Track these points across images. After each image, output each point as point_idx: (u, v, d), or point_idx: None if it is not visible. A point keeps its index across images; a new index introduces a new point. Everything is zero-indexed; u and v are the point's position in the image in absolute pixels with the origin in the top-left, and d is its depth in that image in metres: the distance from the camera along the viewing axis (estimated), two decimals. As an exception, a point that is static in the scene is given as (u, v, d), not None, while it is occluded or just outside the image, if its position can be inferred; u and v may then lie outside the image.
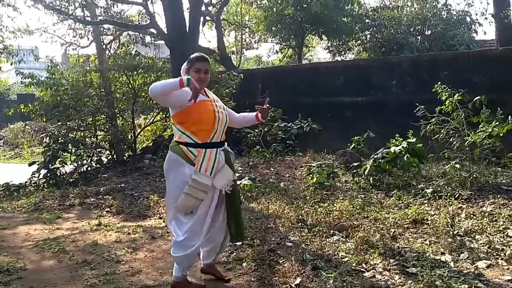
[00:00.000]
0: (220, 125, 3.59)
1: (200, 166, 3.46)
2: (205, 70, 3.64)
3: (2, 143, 20.95)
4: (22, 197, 8.43)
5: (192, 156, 3.50)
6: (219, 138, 3.61)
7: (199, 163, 3.47)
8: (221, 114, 3.62)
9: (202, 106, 3.51)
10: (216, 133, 3.56)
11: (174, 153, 3.58)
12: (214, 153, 3.52)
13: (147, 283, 3.94)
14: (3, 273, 4.22)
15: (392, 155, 6.84)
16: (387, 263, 4.05)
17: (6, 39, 13.69)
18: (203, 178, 3.45)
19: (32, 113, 10.84)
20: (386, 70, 11.38)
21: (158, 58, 13.72)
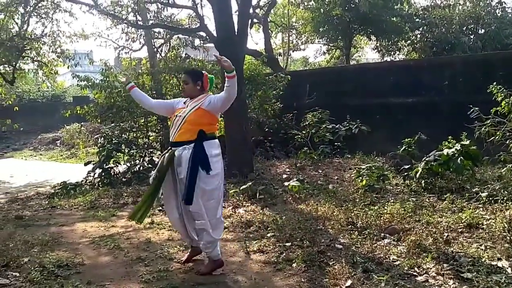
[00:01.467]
0: (173, 126, 4.26)
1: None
2: (184, 81, 4.41)
3: (59, 144, 21.81)
4: (79, 195, 8.77)
5: None
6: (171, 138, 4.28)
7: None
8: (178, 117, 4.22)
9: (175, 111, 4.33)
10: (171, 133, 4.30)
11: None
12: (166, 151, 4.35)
13: (198, 281, 4.02)
14: (62, 267, 4.42)
15: (445, 157, 6.68)
16: (441, 267, 3.97)
17: (63, 44, 14.29)
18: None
19: (87, 114, 11.28)
20: (438, 71, 11.12)
21: (207, 60, 13.94)
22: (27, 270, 4.29)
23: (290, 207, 6.45)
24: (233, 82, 4.11)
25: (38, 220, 6.79)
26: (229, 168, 9.03)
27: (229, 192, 7.27)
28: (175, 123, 4.23)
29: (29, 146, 22.88)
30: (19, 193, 10.40)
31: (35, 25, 14.04)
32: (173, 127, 4.24)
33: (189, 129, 4.14)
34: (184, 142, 4.14)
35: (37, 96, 29.45)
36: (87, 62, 14.26)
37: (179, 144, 4.17)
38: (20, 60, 13.42)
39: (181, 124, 4.17)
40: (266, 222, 5.67)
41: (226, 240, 5.23)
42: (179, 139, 4.17)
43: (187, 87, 4.35)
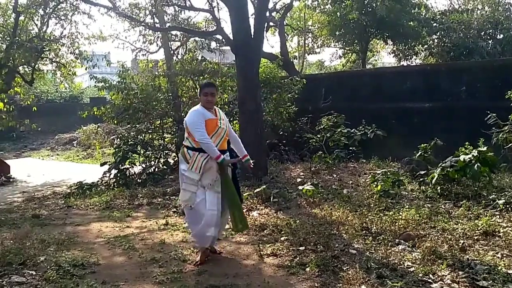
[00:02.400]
0: (216, 137, 4.53)
1: (192, 166, 4.49)
2: (211, 93, 4.66)
3: (76, 144, 22.05)
4: (94, 195, 8.87)
5: (188, 156, 4.55)
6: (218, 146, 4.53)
7: (192, 163, 4.50)
8: (221, 130, 4.60)
9: (209, 122, 4.53)
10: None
11: (180, 154, 4.76)
12: (204, 157, 4.46)
13: (212, 283, 4.04)
14: (78, 267, 4.48)
15: (462, 163, 6.62)
16: (456, 275, 3.93)
17: (81, 45, 14.46)
18: (192, 175, 4.49)
19: (104, 115, 11.40)
20: (455, 76, 11.01)
21: (223, 63, 14.01)
22: (43, 268, 4.35)
23: (304, 211, 6.44)
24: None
25: (55, 219, 6.88)
26: (243, 171, 9.03)
27: (243, 195, 7.28)
28: (218, 133, 4.58)
29: (46, 146, 23.17)
30: (36, 192, 10.56)
31: (54, 26, 14.27)
32: (216, 137, 4.56)
33: (226, 139, 4.70)
34: (225, 150, 4.68)
35: (55, 97, 29.85)
36: (105, 63, 14.40)
37: (223, 152, 4.59)
38: (39, 61, 13.61)
39: (224, 135, 4.65)
40: (280, 225, 5.67)
41: (240, 243, 5.25)
42: (222, 147, 4.62)
43: (214, 99, 4.72)
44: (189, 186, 4.52)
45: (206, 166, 4.47)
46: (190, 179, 4.50)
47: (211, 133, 4.51)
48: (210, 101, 4.63)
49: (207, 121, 4.51)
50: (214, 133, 4.53)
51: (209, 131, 4.50)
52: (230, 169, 4.69)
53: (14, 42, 12.15)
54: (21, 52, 11.85)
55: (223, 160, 4.44)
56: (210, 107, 4.64)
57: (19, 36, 12.72)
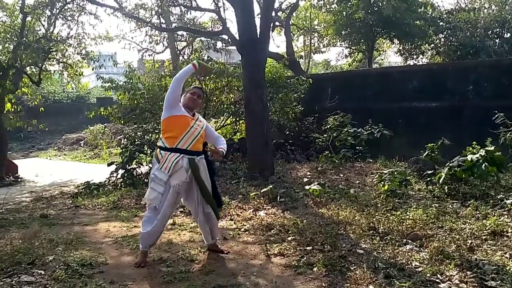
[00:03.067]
0: (188, 137, 4.43)
1: (162, 165, 4.44)
2: (198, 95, 4.69)
3: (83, 144, 22.16)
4: (102, 195, 8.90)
5: (160, 156, 4.49)
6: (185, 146, 4.43)
7: (162, 162, 4.45)
8: (194, 129, 4.47)
9: (180, 118, 4.44)
10: (181, 142, 4.42)
11: (154, 155, 4.68)
12: (175, 157, 4.41)
13: (220, 283, 4.04)
14: (86, 266, 4.49)
15: (469, 163, 6.60)
16: (464, 275, 3.92)
17: (88, 46, 14.51)
18: (161, 174, 4.44)
19: (111, 115, 11.42)
20: (462, 75, 10.98)
21: (229, 63, 14.03)
22: (52, 268, 4.37)
23: (311, 211, 6.44)
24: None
25: (63, 219, 6.91)
26: (250, 170, 9.08)
27: (250, 194, 7.30)
28: (191, 132, 4.46)
29: (53, 146, 23.31)
30: (44, 192, 10.61)
31: (61, 27, 14.33)
32: (188, 136, 4.45)
33: (201, 142, 4.60)
34: (199, 152, 4.59)
35: (61, 97, 30.01)
36: (111, 64, 14.45)
37: (195, 153, 4.53)
38: (46, 61, 13.67)
39: (197, 136, 4.52)
40: (287, 225, 5.67)
41: (247, 243, 5.26)
42: (196, 148, 4.53)
43: (198, 102, 4.73)
44: (157, 186, 4.48)
45: (176, 167, 4.42)
46: (159, 179, 4.46)
47: (183, 130, 4.42)
48: (194, 100, 4.59)
49: (181, 115, 4.45)
50: (187, 132, 4.43)
51: (181, 128, 4.43)
52: (205, 169, 4.60)
53: (21, 43, 12.21)
54: (28, 53, 11.90)
55: (198, 63, 4.57)
56: (192, 106, 4.59)
57: (26, 36, 12.79)
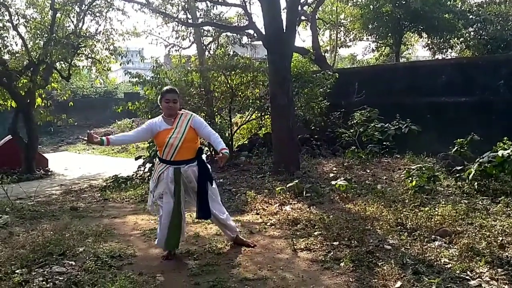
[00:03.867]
0: (168, 149, 4.44)
1: (153, 174, 4.65)
2: (173, 100, 4.51)
3: (110, 138, 22.44)
4: (130, 188, 9.04)
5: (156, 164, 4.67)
6: (168, 158, 4.46)
7: (154, 172, 4.66)
8: (173, 140, 4.41)
9: (158, 136, 4.50)
10: (163, 154, 4.48)
11: None
12: (161, 168, 4.51)
13: (247, 276, 4.07)
14: (115, 258, 4.59)
15: (500, 159, 6.45)
16: (495, 272, 3.85)
17: (116, 41, 14.65)
18: (151, 184, 4.66)
19: (139, 110, 11.57)
20: (492, 69, 10.73)
21: (254, 58, 14.02)
22: (82, 259, 4.48)
23: (337, 206, 6.41)
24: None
25: (92, 211, 7.06)
26: (275, 165, 9.08)
27: (276, 189, 7.30)
28: (170, 144, 4.42)
29: (82, 140, 23.65)
30: (73, 185, 10.84)
31: (90, 23, 14.51)
32: (169, 148, 4.44)
33: (188, 147, 4.50)
34: (187, 160, 4.52)
35: (90, 92, 30.50)
36: (139, 59, 14.63)
37: (182, 162, 4.49)
38: (75, 57, 13.88)
39: (179, 144, 4.43)
40: (313, 220, 5.65)
41: (273, 237, 5.27)
42: (181, 157, 4.48)
43: (176, 106, 4.55)
44: (150, 195, 4.72)
45: (161, 177, 4.50)
46: (150, 189, 4.72)
47: (162, 146, 4.46)
48: (171, 108, 4.50)
49: (159, 133, 4.48)
50: (165, 145, 4.43)
51: (160, 144, 4.50)
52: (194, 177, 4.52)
53: (51, 39, 12.42)
54: (58, 49, 12.10)
55: (102, 141, 4.57)
56: (171, 113, 4.52)
57: (56, 33, 12.99)
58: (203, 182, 4.57)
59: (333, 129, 11.94)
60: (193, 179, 4.53)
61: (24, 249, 4.69)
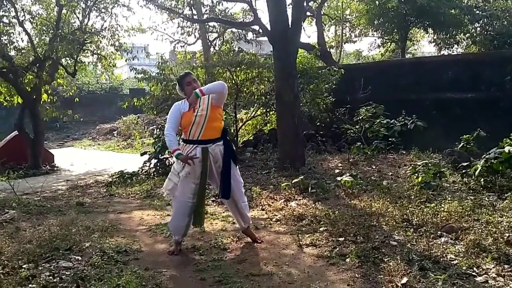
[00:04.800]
0: (195, 128, 4.47)
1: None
2: (193, 80, 4.62)
3: (116, 134, 22.56)
4: (135, 184, 9.07)
5: (181, 147, 4.55)
6: (195, 137, 4.48)
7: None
8: (199, 118, 4.45)
9: (186, 113, 4.51)
10: (191, 133, 4.49)
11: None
12: (189, 148, 4.47)
13: (253, 271, 4.07)
14: (121, 253, 4.60)
15: (506, 155, 6.42)
16: (502, 268, 3.84)
17: (121, 37, 14.68)
18: (177, 166, 4.58)
19: (144, 106, 11.60)
20: (499, 65, 10.69)
21: (260, 54, 13.99)
22: (89, 254, 4.49)
23: (342, 202, 6.40)
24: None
25: (98, 207, 7.09)
26: (281, 161, 9.08)
27: (281, 185, 7.30)
28: (197, 124, 4.46)
29: (87, 136, 23.83)
30: (79, 180, 10.88)
31: (95, 19, 14.49)
32: (197, 127, 4.47)
33: (214, 127, 4.54)
34: (214, 139, 4.54)
35: (95, 88, 30.57)
36: (144, 55, 14.63)
37: (209, 141, 4.51)
38: (80, 53, 13.93)
39: (205, 124, 4.46)
40: (319, 216, 5.65)
41: (279, 233, 5.27)
42: (208, 136, 4.51)
43: (198, 85, 4.62)
44: (174, 176, 4.63)
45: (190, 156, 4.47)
46: (175, 169, 4.62)
47: (188, 125, 4.49)
48: (195, 87, 4.52)
49: (184, 113, 4.51)
50: (192, 124, 4.46)
51: (186, 124, 4.51)
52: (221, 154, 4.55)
53: (57, 35, 12.46)
54: (64, 45, 12.15)
55: (178, 154, 4.38)
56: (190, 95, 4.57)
57: (61, 29, 13.04)
58: (228, 162, 4.60)
59: (338, 125, 11.93)
60: (219, 158, 4.57)
61: (30, 244, 4.71)
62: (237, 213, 4.88)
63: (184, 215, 4.62)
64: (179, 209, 4.64)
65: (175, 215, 4.70)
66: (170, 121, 4.56)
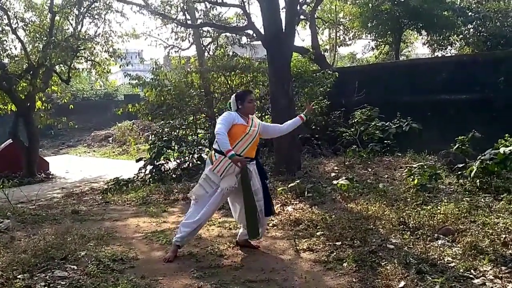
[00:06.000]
0: (243, 142, 4.54)
1: (216, 167, 4.55)
2: (255, 99, 4.87)
3: (111, 141, 22.50)
4: (131, 191, 9.02)
5: (214, 158, 4.61)
6: (239, 152, 4.48)
7: (216, 165, 4.56)
8: (249, 136, 4.58)
9: (237, 126, 4.55)
10: (236, 147, 4.46)
11: (207, 156, 4.97)
12: (228, 162, 4.44)
13: (250, 278, 4.05)
14: (117, 261, 4.56)
15: (501, 156, 6.43)
16: (499, 270, 3.84)
17: (115, 43, 14.64)
18: (213, 176, 4.58)
19: (139, 112, 11.59)
20: (492, 66, 10.73)
21: (254, 58, 14.00)
22: (84, 263, 4.45)
23: (339, 206, 6.38)
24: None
25: (93, 215, 7.04)
26: (277, 165, 9.06)
27: (277, 189, 7.28)
28: (245, 140, 4.57)
29: (82, 143, 23.77)
30: (74, 188, 10.84)
31: (89, 25, 14.43)
32: (244, 143, 4.56)
33: (254, 148, 4.71)
34: (252, 158, 4.71)
35: (90, 95, 30.50)
36: (138, 61, 14.61)
37: (249, 159, 4.64)
38: (74, 59, 13.89)
39: (252, 142, 4.62)
40: (315, 220, 5.64)
41: (275, 238, 5.25)
42: (250, 155, 4.66)
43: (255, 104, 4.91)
44: (207, 186, 4.63)
45: (229, 171, 4.52)
46: (211, 180, 4.61)
47: (237, 138, 4.53)
48: (253, 107, 4.81)
49: (235, 125, 4.55)
50: (242, 138, 4.55)
51: (237, 136, 4.54)
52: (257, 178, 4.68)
53: (51, 42, 12.43)
54: (57, 52, 12.10)
55: (233, 155, 4.31)
56: (251, 113, 4.77)
57: (55, 35, 13.00)
58: (264, 179, 4.79)
59: (334, 128, 11.94)
60: (255, 176, 4.68)
61: (25, 253, 4.66)
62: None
63: (203, 223, 4.76)
64: (204, 217, 4.68)
65: (198, 222, 4.63)
66: (223, 123, 4.51)
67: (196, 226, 4.65)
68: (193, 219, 4.62)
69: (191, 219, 4.64)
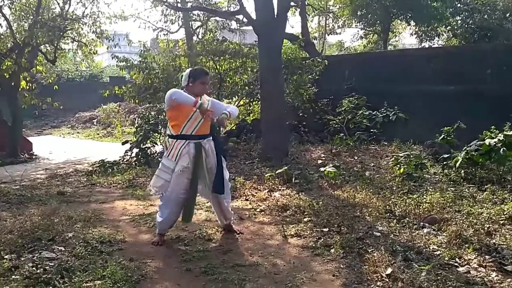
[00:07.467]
0: (191, 122, 4.41)
1: (169, 152, 4.48)
2: (208, 82, 4.71)
3: (96, 122, 22.28)
4: (117, 173, 8.96)
5: (168, 144, 4.54)
6: (189, 132, 4.42)
7: (169, 150, 4.49)
8: (197, 114, 4.34)
9: (182, 106, 4.34)
10: (185, 128, 4.41)
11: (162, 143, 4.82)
12: (181, 144, 4.41)
13: (238, 262, 4.07)
14: (105, 244, 4.55)
15: (486, 147, 6.54)
16: (483, 259, 3.92)
17: (103, 25, 14.42)
18: (168, 162, 4.48)
19: (125, 94, 11.46)
20: (480, 59, 10.79)
21: (243, 44, 13.91)
22: (72, 245, 4.43)
23: (326, 193, 6.44)
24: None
25: (79, 196, 6.98)
26: (264, 151, 9.08)
27: (265, 175, 7.31)
28: (194, 118, 4.41)
29: (66, 124, 23.49)
30: (58, 169, 10.72)
31: (76, 5, 14.09)
32: (192, 121, 4.42)
33: (206, 125, 4.53)
34: (206, 135, 4.57)
35: (75, 76, 30.02)
36: (126, 43, 14.42)
37: (201, 137, 4.51)
38: (61, 40, 13.67)
39: (202, 119, 4.41)
40: (303, 206, 5.68)
41: (263, 223, 5.28)
42: (201, 132, 4.51)
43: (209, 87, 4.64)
44: (163, 174, 4.52)
45: (183, 152, 4.42)
46: (166, 166, 4.51)
47: (185, 119, 4.40)
48: (205, 89, 4.58)
49: (184, 104, 4.32)
50: (190, 118, 4.40)
51: (182, 117, 4.41)
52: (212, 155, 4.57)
53: (37, 21, 12.22)
54: (44, 31, 11.92)
55: (201, 105, 4.21)
56: (201, 94, 4.49)
57: (41, 15, 12.78)
58: (220, 157, 4.65)
59: (321, 116, 11.97)
60: (210, 154, 4.57)
61: (12, 234, 4.62)
62: (219, 210, 4.88)
63: (176, 212, 4.61)
64: (172, 206, 4.55)
65: (167, 213, 4.57)
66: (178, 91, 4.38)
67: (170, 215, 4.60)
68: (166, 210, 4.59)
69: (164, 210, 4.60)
